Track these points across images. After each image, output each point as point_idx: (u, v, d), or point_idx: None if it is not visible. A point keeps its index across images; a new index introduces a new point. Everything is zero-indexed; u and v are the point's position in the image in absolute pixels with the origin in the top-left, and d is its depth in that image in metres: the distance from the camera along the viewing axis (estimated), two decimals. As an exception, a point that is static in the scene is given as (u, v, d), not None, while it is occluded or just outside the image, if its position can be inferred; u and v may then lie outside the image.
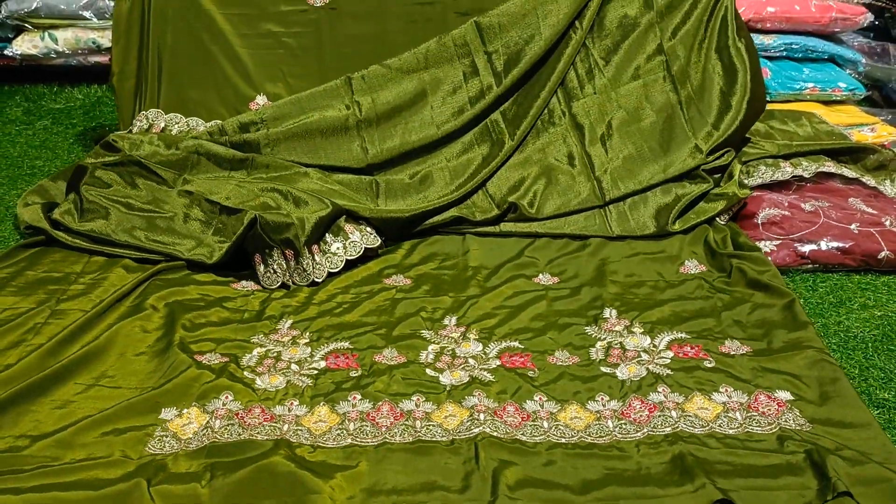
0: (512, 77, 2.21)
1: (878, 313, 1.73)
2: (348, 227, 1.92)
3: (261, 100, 2.36)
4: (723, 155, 2.11)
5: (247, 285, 1.84)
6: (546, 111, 2.22)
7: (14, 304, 1.71)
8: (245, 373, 1.54)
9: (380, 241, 1.96)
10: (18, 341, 1.59)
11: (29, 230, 2.02)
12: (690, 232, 2.03)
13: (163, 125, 2.35)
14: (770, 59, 2.50)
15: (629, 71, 2.23)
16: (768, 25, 2.47)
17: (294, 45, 2.36)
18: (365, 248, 1.91)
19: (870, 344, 1.63)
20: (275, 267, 1.82)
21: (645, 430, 1.40)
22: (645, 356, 1.58)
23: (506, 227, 2.08)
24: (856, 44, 2.65)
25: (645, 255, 1.96)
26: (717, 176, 2.12)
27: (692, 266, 1.91)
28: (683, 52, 2.20)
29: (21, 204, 2.08)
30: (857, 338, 1.65)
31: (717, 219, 2.06)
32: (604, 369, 1.55)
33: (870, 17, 2.52)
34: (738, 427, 1.40)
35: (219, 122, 2.29)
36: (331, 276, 1.86)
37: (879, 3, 2.65)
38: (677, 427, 1.40)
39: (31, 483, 1.26)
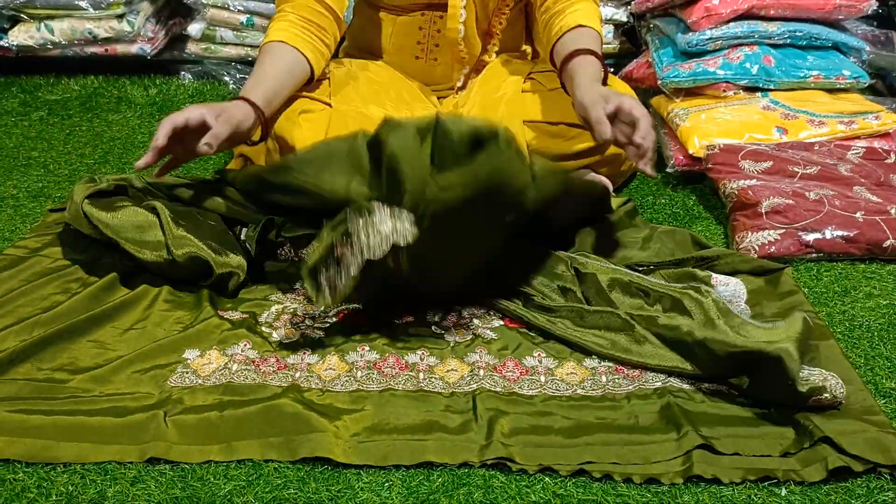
0: None
1: (884, 302, 1.71)
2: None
3: None
4: None
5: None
6: None
7: (69, 254, 1.86)
8: (262, 328, 1.65)
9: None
10: (67, 287, 1.75)
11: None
12: None
13: None
14: (774, 46, 2.46)
15: None
16: (772, 13, 2.42)
17: None
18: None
19: (875, 333, 1.61)
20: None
21: (636, 384, 1.47)
22: (642, 321, 1.65)
23: None
24: (860, 32, 2.62)
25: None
26: None
27: None
28: None
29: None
30: (862, 327, 1.64)
31: None
32: (603, 331, 1.62)
33: (874, 4, 2.48)
34: (725, 383, 1.46)
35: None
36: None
37: (883, -9, 2.64)
38: (667, 382, 1.47)
39: (62, 408, 1.39)
